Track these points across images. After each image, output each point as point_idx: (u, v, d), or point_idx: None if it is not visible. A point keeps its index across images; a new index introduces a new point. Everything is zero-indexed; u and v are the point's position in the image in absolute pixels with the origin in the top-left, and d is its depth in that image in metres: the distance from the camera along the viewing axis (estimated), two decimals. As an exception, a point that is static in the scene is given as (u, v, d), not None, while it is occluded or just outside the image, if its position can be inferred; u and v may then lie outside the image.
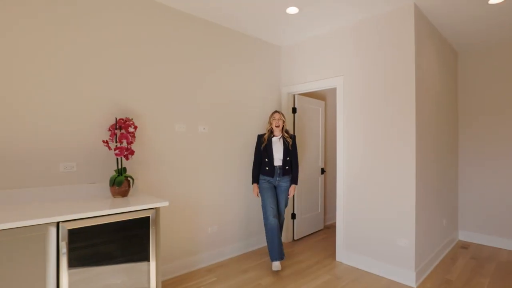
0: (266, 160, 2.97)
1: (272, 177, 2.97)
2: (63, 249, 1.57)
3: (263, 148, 2.99)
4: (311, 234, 4.05)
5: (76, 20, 2.14)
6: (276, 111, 3.04)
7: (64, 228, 1.58)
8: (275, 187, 3.02)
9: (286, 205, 3.09)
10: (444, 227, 3.39)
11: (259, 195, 3.02)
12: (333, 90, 4.65)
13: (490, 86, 3.69)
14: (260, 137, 3.07)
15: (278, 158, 2.96)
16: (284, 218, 3.14)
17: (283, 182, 3.00)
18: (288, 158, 3.00)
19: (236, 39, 3.26)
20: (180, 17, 2.76)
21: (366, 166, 2.93)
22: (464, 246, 3.64)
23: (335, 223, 4.55)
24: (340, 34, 3.18)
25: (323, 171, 4.23)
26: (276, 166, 2.96)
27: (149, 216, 1.92)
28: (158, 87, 2.61)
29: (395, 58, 2.73)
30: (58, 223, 1.57)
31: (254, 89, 3.47)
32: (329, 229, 4.28)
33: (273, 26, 3.18)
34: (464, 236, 3.88)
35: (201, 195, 2.92)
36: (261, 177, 3.02)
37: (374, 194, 2.86)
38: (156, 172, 2.59)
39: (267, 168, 2.97)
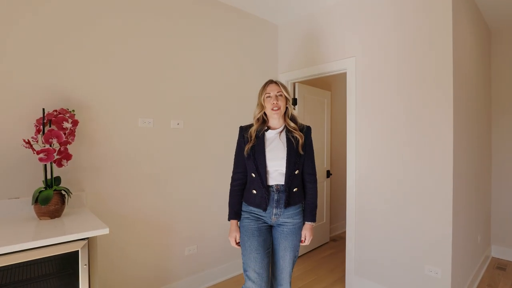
0: (253, 175, 1.55)
1: (265, 209, 1.52)
2: None
3: (247, 153, 1.56)
4: (315, 248, 3.43)
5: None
6: (271, 81, 1.61)
7: None
8: (270, 228, 1.60)
9: (293, 263, 1.57)
10: (479, 244, 2.76)
11: (239, 243, 1.59)
12: (341, 79, 4.00)
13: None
14: (243, 131, 1.63)
15: (275, 170, 1.53)
16: None
17: (286, 217, 1.54)
18: (297, 172, 1.55)
19: (223, 14, 2.62)
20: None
21: (385, 169, 2.30)
22: (501, 266, 3.00)
23: (342, 233, 3.93)
24: (351, 6, 2.53)
25: (329, 174, 3.61)
26: (273, 187, 1.52)
27: (77, 251, 1.32)
28: (114, 67, 1.99)
29: (425, 34, 2.08)
30: None
31: (245, 75, 2.84)
32: (336, 242, 3.66)
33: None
34: (497, 252, 3.23)
35: (174, 208, 2.31)
36: (244, 207, 1.60)
37: (395, 205, 2.23)
38: (112, 180, 1.98)
39: (254, 191, 1.54)
